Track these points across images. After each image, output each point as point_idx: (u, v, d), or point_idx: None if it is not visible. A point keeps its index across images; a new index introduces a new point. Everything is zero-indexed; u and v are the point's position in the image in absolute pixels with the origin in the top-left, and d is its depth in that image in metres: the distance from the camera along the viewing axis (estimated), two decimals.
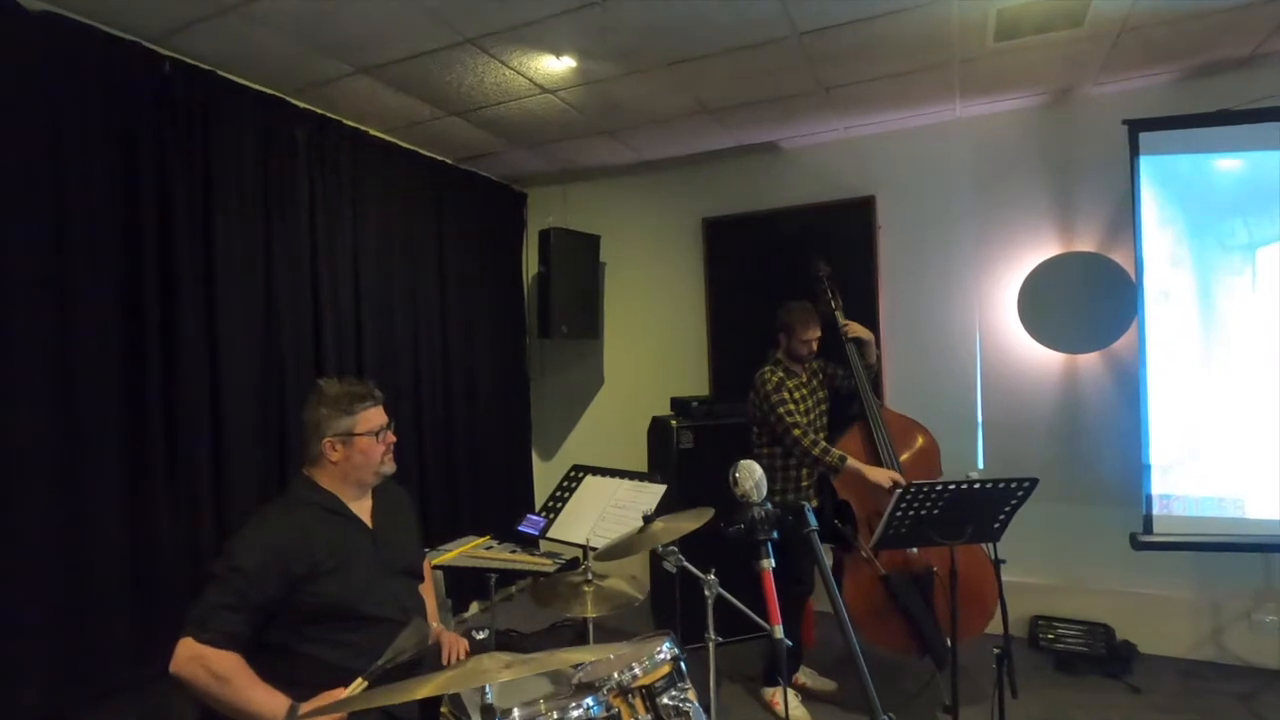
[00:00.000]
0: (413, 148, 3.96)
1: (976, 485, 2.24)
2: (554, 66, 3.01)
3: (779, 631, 1.23)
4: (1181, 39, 3.00)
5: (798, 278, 3.48)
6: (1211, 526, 2.85)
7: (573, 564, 2.24)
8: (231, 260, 2.85)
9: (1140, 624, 3.46)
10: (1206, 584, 3.38)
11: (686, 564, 1.86)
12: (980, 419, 3.85)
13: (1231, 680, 3.18)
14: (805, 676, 3.16)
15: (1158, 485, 2.86)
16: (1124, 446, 3.06)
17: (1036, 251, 3.71)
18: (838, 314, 3.20)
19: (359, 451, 1.77)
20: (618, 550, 1.91)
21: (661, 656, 1.49)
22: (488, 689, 1.21)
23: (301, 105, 3.27)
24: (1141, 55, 3.17)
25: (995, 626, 3.64)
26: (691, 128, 3.89)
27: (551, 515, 2.52)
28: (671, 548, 1.88)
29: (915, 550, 2.82)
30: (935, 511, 2.29)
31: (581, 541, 2.30)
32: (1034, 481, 2.25)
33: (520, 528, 2.54)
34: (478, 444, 4.32)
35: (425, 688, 1.20)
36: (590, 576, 1.99)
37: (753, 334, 3.30)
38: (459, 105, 3.42)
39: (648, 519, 1.88)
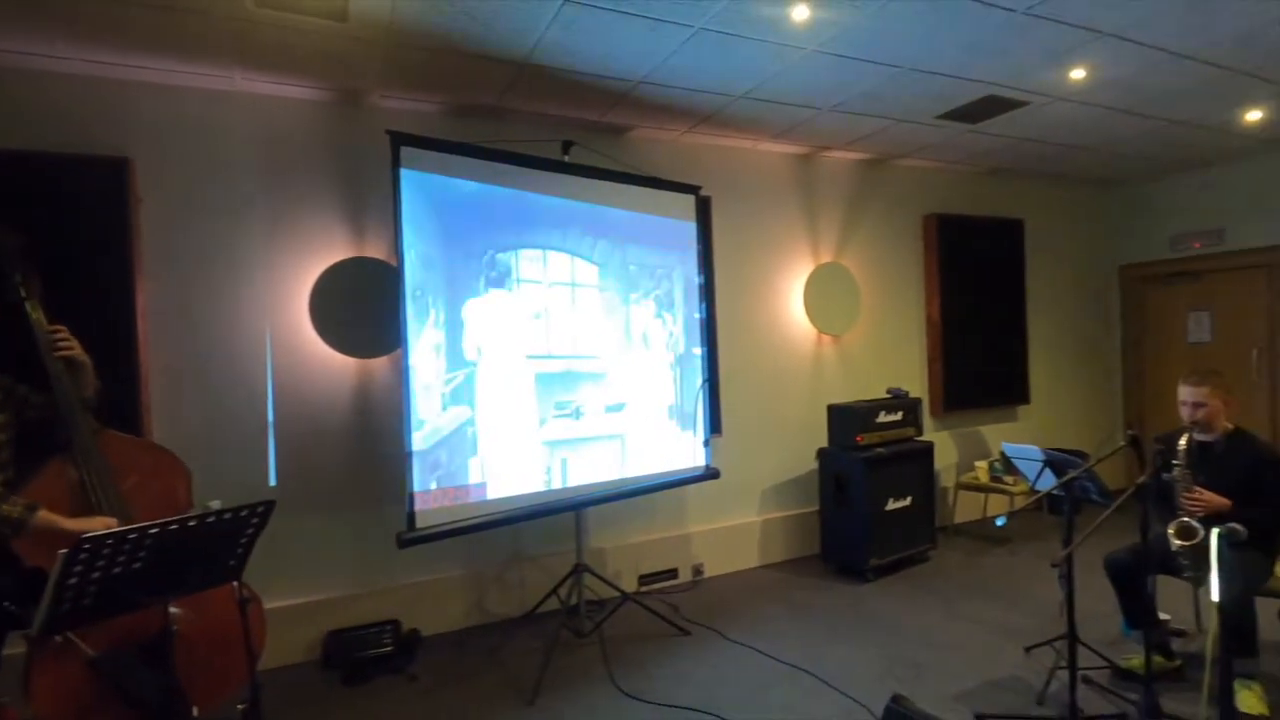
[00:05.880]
0: None
1: (192, 522, 1.81)
2: None
3: None
4: (443, 72, 3.31)
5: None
6: (468, 511, 3.19)
7: None
8: None
9: (424, 610, 3.71)
10: (472, 560, 3.87)
11: None
12: (273, 430, 3.49)
13: (488, 636, 3.70)
14: None
15: (423, 481, 3.03)
16: (402, 448, 3.16)
17: (330, 254, 3.58)
18: (29, 305, 2.27)
19: None
20: None
21: None
22: None
23: None
24: (415, 78, 3.37)
25: (279, 658, 3.34)
26: None
27: None
28: None
29: (171, 610, 2.19)
30: (137, 565, 1.75)
31: None
32: (269, 505, 1.97)
33: None
34: None
35: None
36: None
37: None
38: None
39: None
